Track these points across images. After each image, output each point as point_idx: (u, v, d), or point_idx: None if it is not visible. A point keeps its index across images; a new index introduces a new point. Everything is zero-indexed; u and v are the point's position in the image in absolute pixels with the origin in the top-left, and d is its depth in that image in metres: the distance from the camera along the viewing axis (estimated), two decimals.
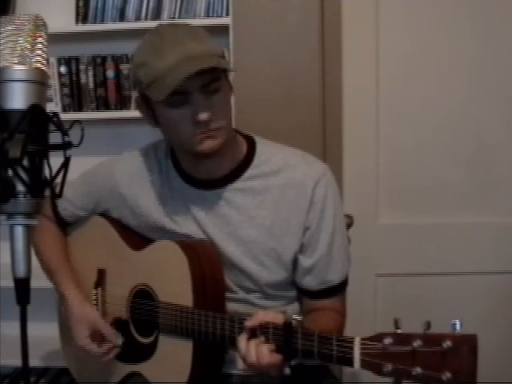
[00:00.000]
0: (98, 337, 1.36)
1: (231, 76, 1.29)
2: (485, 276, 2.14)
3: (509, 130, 2.12)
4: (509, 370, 2.09)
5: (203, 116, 1.17)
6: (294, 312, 1.19)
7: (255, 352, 1.07)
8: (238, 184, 1.30)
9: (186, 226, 1.32)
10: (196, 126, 1.19)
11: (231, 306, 1.31)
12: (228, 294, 1.31)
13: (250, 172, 1.30)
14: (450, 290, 2.15)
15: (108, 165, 1.44)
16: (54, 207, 1.48)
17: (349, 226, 1.50)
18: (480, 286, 2.15)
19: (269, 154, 1.32)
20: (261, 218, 1.29)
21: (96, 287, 1.44)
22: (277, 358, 1.07)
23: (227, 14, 2.11)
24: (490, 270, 2.14)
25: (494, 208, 2.15)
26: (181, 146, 1.28)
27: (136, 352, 1.36)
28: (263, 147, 1.33)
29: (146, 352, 1.34)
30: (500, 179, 2.14)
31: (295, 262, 1.31)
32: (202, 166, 1.30)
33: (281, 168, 1.30)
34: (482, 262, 2.14)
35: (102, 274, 1.44)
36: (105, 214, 1.45)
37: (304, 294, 1.35)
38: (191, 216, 1.32)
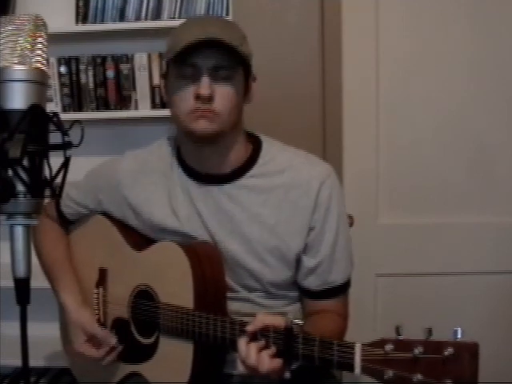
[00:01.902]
0: (95, 341, 1.36)
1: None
2: (485, 276, 2.14)
3: (509, 130, 2.12)
4: (509, 370, 2.09)
5: (204, 90, 1.19)
6: (295, 315, 1.19)
7: (255, 356, 1.07)
8: (243, 181, 1.30)
9: (188, 222, 1.32)
10: (196, 102, 1.21)
11: (233, 306, 1.31)
12: (230, 294, 1.31)
13: (254, 170, 1.31)
14: (450, 290, 2.15)
15: (111, 164, 1.44)
16: (58, 206, 1.49)
17: (349, 225, 1.50)
18: (480, 286, 2.15)
19: (274, 153, 1.33)
20: (264, 217, 1.29)
21: (97, 287, 1.44)
22: (277, 362, 1.07)
23: (227, 14, 2.11)
24: (489, 270, 2.14)
25: (494, 208, 2.15)
26: (179, 123, 1.27)
27: (136, 352, 1.36)
28: (269, 147, 1.34)
29: (147, 352, 1.34)
30: (500, 179, 2.14)
31: (298, 261, 1.31)
32: (206, 161, 1.30)
33: (285, 168, 1.30)
34: (481, 262, 2.14)
35: (103, 273, 1.44)
36: (107, 214, 1.45)
37: (306, 295, 1.35)
38: (195, 212, 1.32)
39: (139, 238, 1.40)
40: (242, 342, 1.10)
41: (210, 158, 1.30)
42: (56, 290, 1.43)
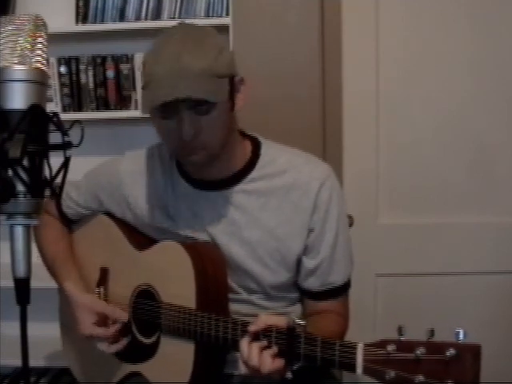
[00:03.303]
0: (104, 321, 1.34)
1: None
2: (485, 276, 2.14)
3: (509, 130, 2.12)
4: (509, 370, 2.09)
5: (187, 136, 1.17)
6: (297, 315, 1.19)
7: (257, 357, 1.07)
8: (242, 185, 1.30)
9: (188, 226, 1.32)
10: (181, 142, 1.19)
11: (234, 307, 1.31)
12: (231, 295, 1.31)
13: (254, 173, 1.30)
14: (450, 290, 2.15)
15: (111, 164, 1.44)
16: (59, 206, 1.49)
17: (349, 226, 1.50)
18: (480, 286, 2.15)
19: (273, 155, 1.32)
20: (265, 220, 1.29)
21: (98, 286, 1.44)
22: (279, 363, 1.07)
23: (227, 14, 2.11)
24: (489, 270, 2.14)
25: (494, 208, 2.15)
26: (171, 153, 1.29)
27: (137, 352, 1.36)
28: (268, 148, 1.33)
29: (148, 352, 1.34)
30: (500, 179, 2.14)
31: (299, 263, 1.31)
32: (203, 170, 1.30)
33: (285, 169, 1.30)
34: (481, 262, 2.14)
35: (104, 272, 1.44)
36: (109, 213, 1.45)
37: (306, 295, 1.35)
38: (194, 217, 1.32)
39: (142, 238, 1.40)
40: (244, 343, 1.10)
41: (207, 168, 1.28)
42: (59, 281, 1.43)
